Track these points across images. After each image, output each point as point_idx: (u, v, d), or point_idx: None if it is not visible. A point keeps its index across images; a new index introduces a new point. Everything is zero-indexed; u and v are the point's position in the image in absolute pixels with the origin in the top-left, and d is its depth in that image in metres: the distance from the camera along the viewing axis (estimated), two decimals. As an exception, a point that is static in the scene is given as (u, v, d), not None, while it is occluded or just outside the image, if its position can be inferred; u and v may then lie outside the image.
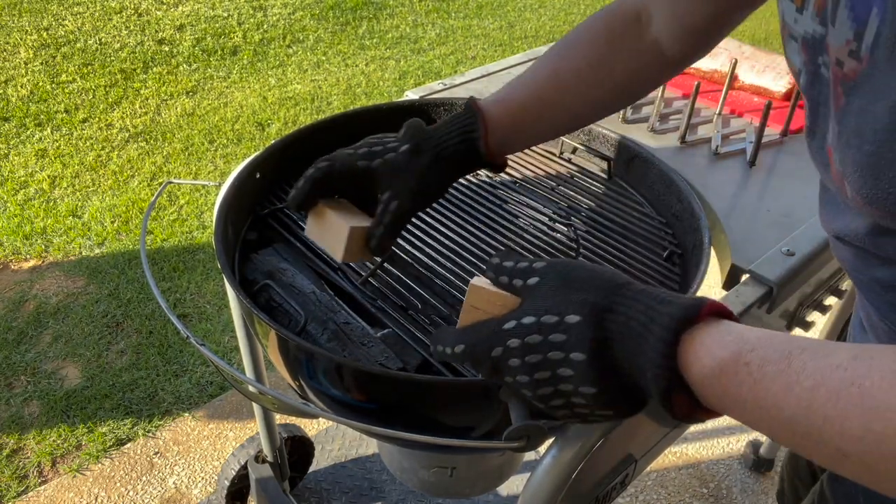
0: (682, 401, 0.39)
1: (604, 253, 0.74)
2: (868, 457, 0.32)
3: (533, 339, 0.43)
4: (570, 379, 0.42)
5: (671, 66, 0.69)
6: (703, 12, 0.63)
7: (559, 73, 0.67)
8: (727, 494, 1.52)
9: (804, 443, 0.35)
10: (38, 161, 2.48)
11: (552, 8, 4.09)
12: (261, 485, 1.23)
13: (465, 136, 0.64)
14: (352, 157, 0.63)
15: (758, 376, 0.36)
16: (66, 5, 3.54)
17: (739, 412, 0.37)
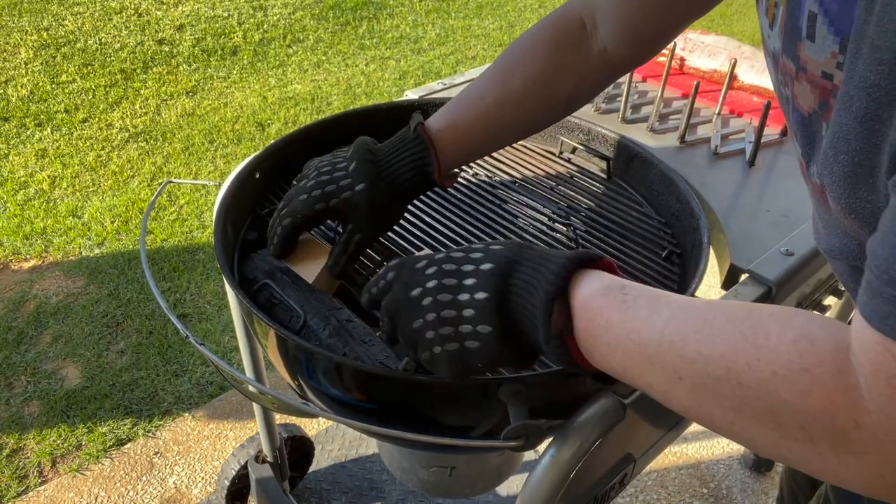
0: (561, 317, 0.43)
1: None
2: (696, 377, 0.37)
3: (448, 281, 0.48)
4: (471, 319, 0.46)
5: (615, 71, 0.69)
6: (653, 18, 0.63)
7: (506, 92, 0.68)
8: (727, 494, 1.52)
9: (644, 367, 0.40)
10: (38, 161, 2.48)
11: (552, 8, 4.09)
12: (261, 485, 1.23)
13: (418, 168, 0.67)
14: (307, 202, 0.67)
15: (630, 303, 0.42)
16: (66, 5, 3.54)
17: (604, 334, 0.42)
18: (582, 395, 0.56)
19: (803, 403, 0.34)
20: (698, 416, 0.40)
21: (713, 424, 0.39)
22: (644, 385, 0.42)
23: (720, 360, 0.37)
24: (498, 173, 0.90)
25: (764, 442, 0.37)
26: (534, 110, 0.69)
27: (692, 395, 0.38)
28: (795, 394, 0.34)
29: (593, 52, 0.67)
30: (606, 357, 0.43)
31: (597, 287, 0.43)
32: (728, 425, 0.38)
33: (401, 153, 0.67)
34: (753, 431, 0.37)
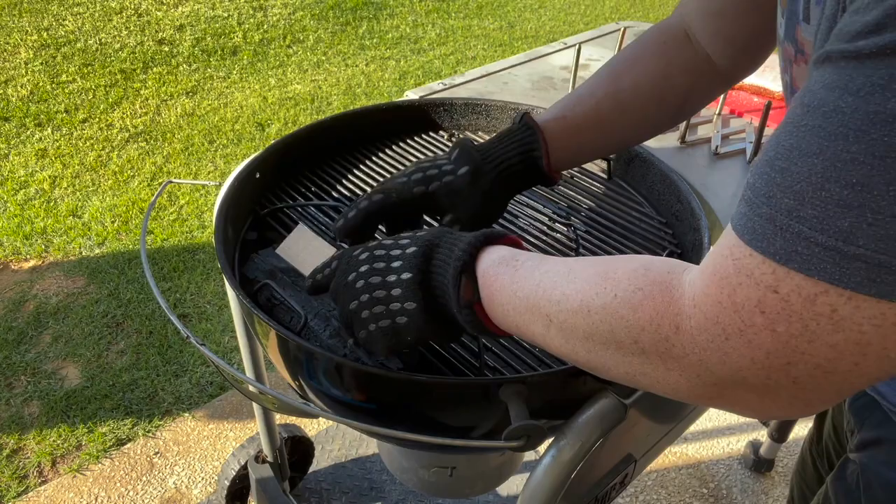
0: (468, 288, 0.47)
1: (603, 253, 0.75)
2: (560, 315, 0.42)
3: (378, 265, 0.52)
4: (398, 297, 0.50)
5: (724, 80, 0.68)
6: (738, 29, 0.62)
7: (618, 90, 0.66)
8: (727, 494, 1.52)
9: (527, 317, 0.45)
10: (38, 161, 2.48)
11: (552, 8, 4.09)
12: (261, 485, 1.23)
13: (525, 155, 0.64)
14: (406, 185, 0.63)
15: (518, 266, 0.46)
16: (66, 5, 3.54)
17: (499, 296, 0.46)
18: (582, 395, 0.56)
19: (635, 317, 0.38)
20: (568, 355, 0.44)
21: (577, 359, 0.43)
22: (531, 336, 0.46)
23: (576, 295, 0.41)
24: (498, 173, 0.90)
25: (612, 364, 0.41)
26: (646, 111, 0.67)
27: (560, 334, 0.43)
28: (629, 309, 0.38)
29: (700, 59, 0.66)
30: (505, 317, 0.47)
31: (494, 258, 0.48)
32: (586, 354, 0.42)
33: (507, 141, 0.64)
34: (604, 355, 0.41)
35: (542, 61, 1.26)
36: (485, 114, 0.95)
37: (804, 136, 0.31)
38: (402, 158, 0.91)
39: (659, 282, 0.38)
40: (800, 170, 0.31)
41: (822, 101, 0.30)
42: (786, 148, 0.32)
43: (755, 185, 0.33)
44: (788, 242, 0.31)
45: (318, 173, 0.89)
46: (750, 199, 0.33)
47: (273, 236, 0.78)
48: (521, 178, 0.66)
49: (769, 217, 0.32)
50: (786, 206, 0.31)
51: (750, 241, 0.33)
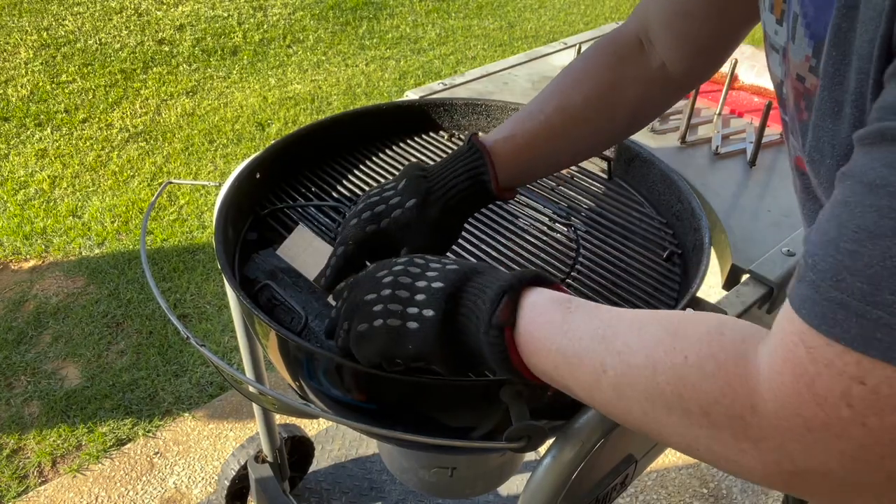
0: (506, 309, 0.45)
1: (604, 253, 0.74)
2: (619, 368, 0.40)
3: (414, 269, 0.51)
4: (420, 303, 0.48)
5: (678, 87, 0.68)
6: (703, 32, 0.62)
7: (568, 104, 0.65)
8: (727, 494, 1.52)
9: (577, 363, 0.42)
10: (38, 161, 2.48)
11: (552, 8, 4.09)
12: (261, 485, 1.23)
13: (473, 179, 0.63)
14: (358, 226, 0.63)
15: (573, 309, 0.44)
16: (66, 5, 3.54)
17: (542, 332, 0.44)
18: (583, 395, 0.56)
19: (707, 386, 0.36)
20: (616, 410, 0.41)
21: (629, 416, 0.41)
22: (570, 383, 0.44)
23: (641, 351, 0.39)
24: (498, 173, 0.90)
25: (674, 431, 0.38)
26: (597, 123, 0.66)
27: (614, 388, 0.40)
28: (701, 377, 0.36)
29: (653, 67, 0.65)
30: (539, 354, 0.45)
31: (546, 296, 0.46)
32: (642, 415, 0.40)
33: (453, 166, 0.64)
34: (665, 420, 0.38)
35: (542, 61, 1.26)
36: (485, 114, 0.95)
37: (871, 216, 0.30)
38: (402, 158, 0.91)
39: (734, 351, 0.36)
40: (872, 252, 0.29)
41: (886, 179, 0.30)
42: (851, 229, 0.31)
43: (818, 267, 0.32)
44: (866, 329, 0.29)
45: (318, 173, 0.88)
46: (814, 282, 0.32)
47: (273, 236, 0.78)
48: (470, 202, 0.65)
49: (841, 302, 0.30)
50: (860, 291, 0.30)
51: (819, 325, 0.31)
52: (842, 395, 0.30)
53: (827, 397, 0.31)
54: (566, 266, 0.73)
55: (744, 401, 0.34)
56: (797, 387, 0.32)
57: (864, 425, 0.30)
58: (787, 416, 0.32)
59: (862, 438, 0.30)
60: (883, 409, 0.29)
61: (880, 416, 0.29)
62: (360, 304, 0.51)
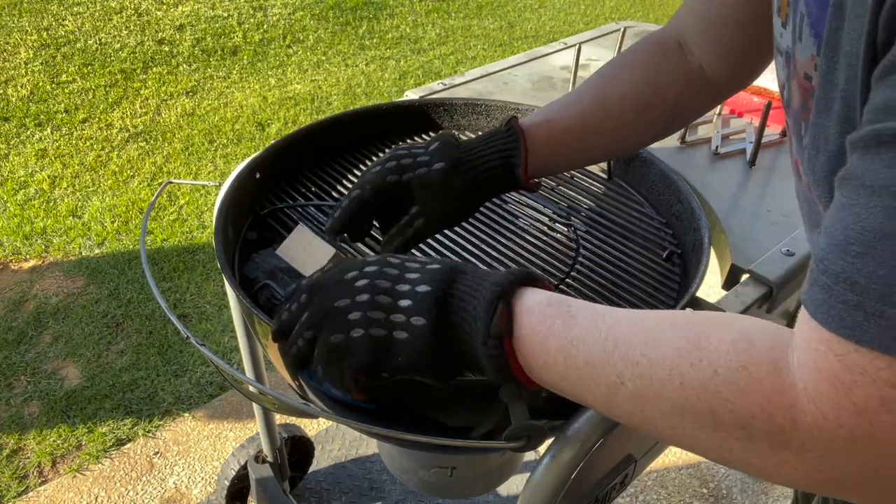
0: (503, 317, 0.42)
1: (604, 253, 0.75)
2: (639, 380, 0.38)
3: (391, 271, 0.47)
4: (406, 309, 0.44)
5: (715, 93, 0.67)
6: (738, 40, 0.61)
7: (606, 97, 0.65)
8: (727, 494, 1.52)
9: (590, 374, 0.40)
10: (38, 161, 2.48)
11: (552, 8, 4.09)
12: (261, 485, 1.23)
13: (504, 160, 0.62)
14: (380, 174, 0.61)
15: (574, 313, 0.42)
16: (66, 5, 3.54)
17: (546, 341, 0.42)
18: (583, 395, 0.56)
19: (742, 402, 0.34)
20: (639, 422, 0.40)
21: (654, 429, 0.39)
22: (582, 393, 0.42)
23: (663, 363, 0.37)
24: (498, 173, 0.90)
25: (706, 444, 0.37)
26: (633, 121, 0.65)
27: (634, 399, 0.39)
28: (735, 392, 0.35)
29: (692, 69, 0.65)
30: (545, 365, 0.42)
31: (541, 298, 0.43)
32: (670, 430, 0.38)
33: (488, 142, 0.63)
34: (696, 434, 0.37)
35: (542, 61, 1.26)
36: (485, 114, 0.95)
37: (877, 217, 0.30)
38: (402, 158, 0.91)
39: (767, 361, 0.35)
40: (881, 253, 0.30)
41: (886, 180, 0.30)
42: (857, 232, 0.31)
43: (830, 271, 0.32)
44: (886, 330, 0.30)
45: (318, 173, 0.89)
46: (827, 286, 0.32)
47: (273, 236, 0.78)
48: (495, 183, 0.64)
49: (857, 304, 0.30)
50: (875, 293, 0.30)
51: (839, 330, 0.31)
52: (881, 401, 0.30)
53: (867, 405, 0.30)
54: (566, 266, 0.73)
55: (784, 414, 0.33)
56: (836, 398, 0.31)
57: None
58: (830, 429, 0.32)
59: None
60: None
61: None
62: (329, 310, 0.46)
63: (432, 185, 0.60)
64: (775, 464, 0.34)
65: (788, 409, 0.33)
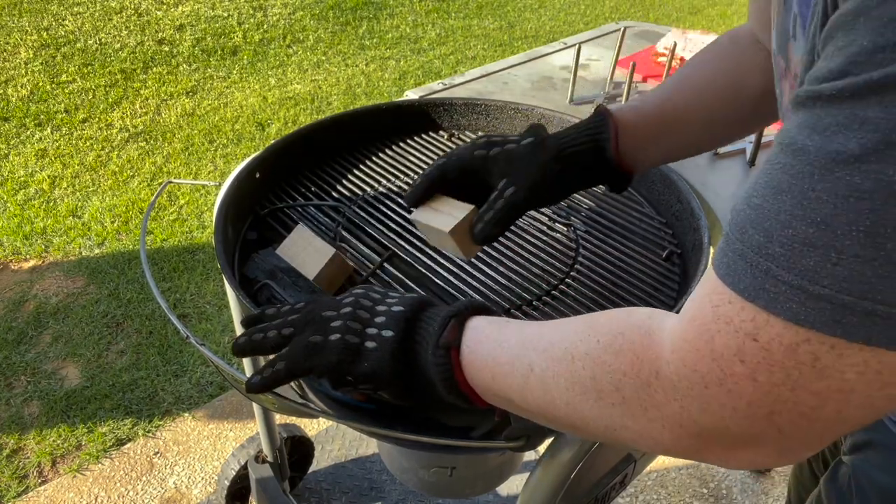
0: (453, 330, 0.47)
1: (604, 253, 0.75)
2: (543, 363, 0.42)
3: (374, 294, 0.52)
4: (379, 324, 0.49)
5: None
6: None
7: (692, 85, 0.65)
8: (727, 494, 1.52)
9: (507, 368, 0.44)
10: (38, 161, 2.48)
11: (552, 8, 4.09)
12: (261, 485, 1.23)
13: (592, 137, 0.62)
14: (467, 150, 0.62)
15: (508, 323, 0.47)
16: (66, 5, 3.54)
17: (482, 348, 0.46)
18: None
19: (616, 362, 0.38)
20: (545, 408, 0.42)
21: (556, 412, 0.42)
22: (506, 390, 0.44)
23: (561, 343, 0.41)
24: (498, 173, 0.90)
25: (592, 416, 0.40)
26: (720, 108, 0.65)
27: (540, 385, 0.42)
28: (611, 354, 0.38)
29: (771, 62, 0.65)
30: (482, 371, 0.46)
31: (485, 318, 0.48)
32: (565, 407, 0.41)
33: (577, 127, 0.63)
34: (584, 407, 0.40)
35: (542, 61, 1.26)
36: (485, 114, 0.95)
37: (776, 173, 0.31)
38: (402, 158, 0.91)
39: (639, 325, 0.38)
40: (770, 206, 0.31)
41: (793, 139, 0.31)
42: (761, 185, 0.32)
43: (733, 222, 0.33)
44: (757, 280, 0.31)
45: (318, 173, 0.89)
46: (727, 235, 0.33)
47: (273, 236, 0.78)
48: (586, 162, 0.62)
49: (741, 253, 0.32)
50: (756, 243, 0.31)
51: (723, 276, 0.33)
52: (737, 350, 0.32)
53: (723, 353, 0.32)
54: (566, 266, 0.73)
55: (649, 367, 0.36)
56: (697, 344, 0.33)
57: (754, 381, 0.31)
58: (686, 374, 0.34)
59: (751, 394, 0.32)
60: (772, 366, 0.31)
61: (769, 373, 0.31)
62: (316, 317, 0.51)
63: (520, 157, 0.60)
64: (645, 425, 0.37)
65: (653, 362, 0.36)
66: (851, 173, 0.28)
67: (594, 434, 0.41)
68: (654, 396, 0.36)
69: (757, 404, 0.32)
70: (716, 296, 0.33)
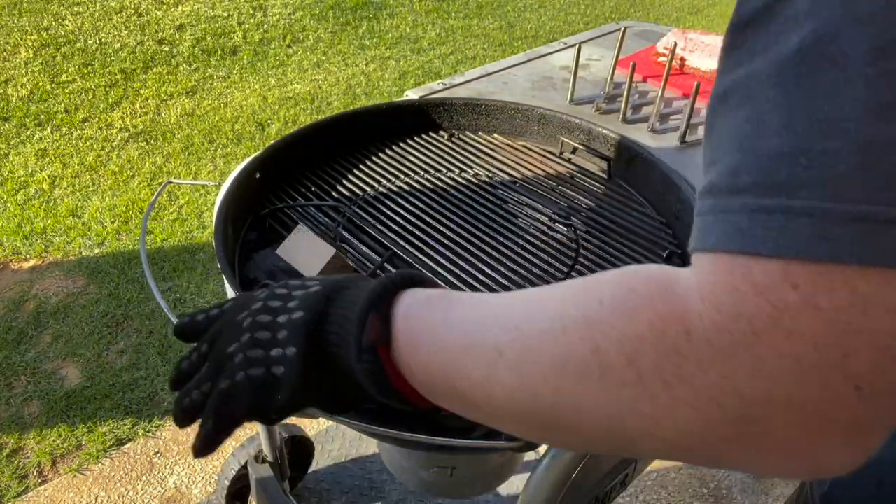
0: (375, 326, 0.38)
1: (604, 253, 0.74)
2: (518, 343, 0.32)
3: (274, 303, 0.42)
4: (282, 341, 0.40)
5: None
6: None
7: None
8: (727, 494, 1.52)
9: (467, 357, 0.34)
10: (38, 161, 2.48)
11: (552, 8, 4.09)
12: (261, 485, 1.23)
13: None
14: None
15: (455, 300, 0.37)
16: (66, 5, 3.54)
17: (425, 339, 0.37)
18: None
19: (630, 326, 0.29)
20: (521, 400, 0.33)
21: (537, 401, 0.32)
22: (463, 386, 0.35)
23: (544, 314, 0.32)
24: (498, 173, 0.90)
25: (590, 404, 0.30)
26: None
27: (514, 370, 0.32)
28: (622, 316, 0.29)
29: None
30: (427, 365, 0.37)
31: (420, 297, 0.39)
32: (552, 396, 0.31)
33: None
34: (580, 392, 0.30)
35: (542, 61, 1.26)
36: (485, 114, 0.95)
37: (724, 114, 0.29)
38: (402, 158, 0.91)
39: (655, 279, 0.30)
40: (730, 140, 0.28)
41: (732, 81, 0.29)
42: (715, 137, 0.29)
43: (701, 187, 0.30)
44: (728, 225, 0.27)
45: (318, 173, 0.89)
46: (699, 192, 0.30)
47: (273, 236, 0.78)
48: None
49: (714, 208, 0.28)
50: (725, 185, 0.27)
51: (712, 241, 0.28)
52: (783, 275, 0.25)
53: (768, 283, 0.25)
54: (566, 266, 0.73)
55: (676, 326, 0.27)
56: (734, 281, 0.26)
57: (816, 308, 0.24)
58: (727, 324, 0.26)
59: (817, 327, 0.24)
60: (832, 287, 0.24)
61: (830, 295, 0.24)
62: (220, 356, 0.43)
63: None
64: (668, 409, 0.28)
65: (682, 318, 0.27)
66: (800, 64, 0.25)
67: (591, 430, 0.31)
68: (682, 366, 0.27)
69: (825, 343, 0.24)
70: None
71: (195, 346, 0.46)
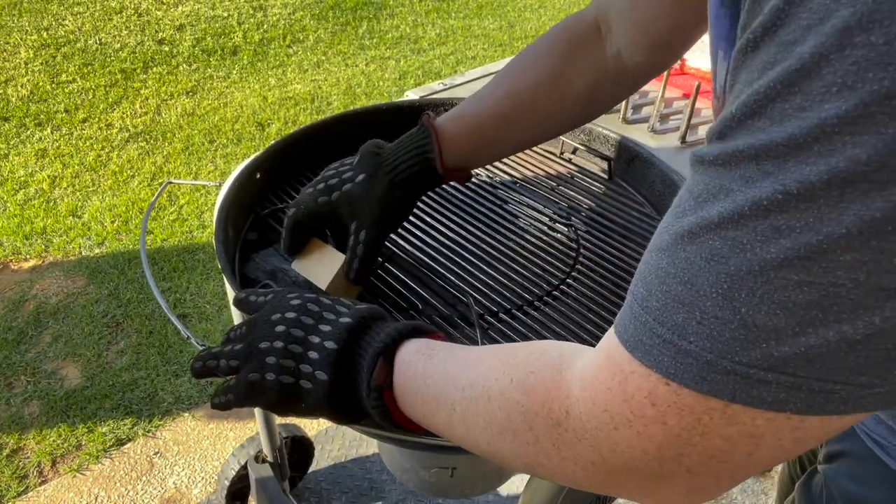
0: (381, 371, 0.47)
1: (604, 253, 0.74)
2: (464, 403, 0.41)
3: (307, 320, 0.50)
4: (314, 362, 0.48)
5: (632, 78, 0.67)
6: (665, 24, 0.60)
7: (516, 87, 0.66)
8: (727, 494, 1.52)
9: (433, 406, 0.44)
10: (38, 161, 2.48)
11: (552, 8, 4.09)
12: (261, 485, 1.23)
13: (419, 157, 0.65)
14: (312, 196, 0.65)
15: (433, 355, 0.46)
16: (66, 5, 3.54)
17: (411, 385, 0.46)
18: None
19: (528, 401, 0.37)
20: (472, 444, 0.42)
21: (478, 448, 0.42)
22: (437, 426, 0.45)
23: (478, 381, 0.41)
24: (498, 173, 0.90)
25: (510, 454, 0.39)
26: (547, 108, 0.66)
27: (463, 423, 0.42)
28: (523, 393, 0.38)
29: (607, 56, 0.64)
30: (414, 407, 0.46)
31: (413, 347, 0.47)
32: (486, 445, 0.41)
33: (404, 144, 0.65)
34: (502, 445, 0.39)
35: (543, 61, 1.25)
36: (485, 114, 0.95)
37: (661, 232, 0.32)
38: (403, 158, 0.91)
39: (550, 364, 0.38)
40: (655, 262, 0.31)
41: (678, 199, 0.31)
42: (653, 242, 0.33)
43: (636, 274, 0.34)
44: (637, 331, 0.31)
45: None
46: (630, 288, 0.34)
47: (273, 236, 0.78)
48: (418, 181, 0.66)
49: (629, 304, 0.33)
50: (640, 295, 0.32)
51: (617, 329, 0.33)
52: (648, 393, 0.31)
53: (635, 395, 0.32)
54: (566, 266, 0.73)
55: (560, 406, 0.36)
56: (611, 384, 0.33)
57: (664, 424, 0.31)
58: (597, 414, 0.33)
59: (661, 437, 0.31)
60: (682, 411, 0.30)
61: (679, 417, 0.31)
62: (254, 350, 0.50)
63: (357, 196, 0.64)
64: (559, 464, 0.37)
65: (563, 400, 0.35)
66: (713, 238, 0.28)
67: (518, 469, 0.41)
68: (564, 436, 0.35)
69: (666, 447, 0.31)
70: None
71: (241, 324, 0.53)
